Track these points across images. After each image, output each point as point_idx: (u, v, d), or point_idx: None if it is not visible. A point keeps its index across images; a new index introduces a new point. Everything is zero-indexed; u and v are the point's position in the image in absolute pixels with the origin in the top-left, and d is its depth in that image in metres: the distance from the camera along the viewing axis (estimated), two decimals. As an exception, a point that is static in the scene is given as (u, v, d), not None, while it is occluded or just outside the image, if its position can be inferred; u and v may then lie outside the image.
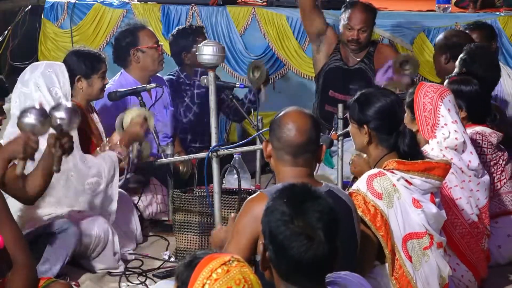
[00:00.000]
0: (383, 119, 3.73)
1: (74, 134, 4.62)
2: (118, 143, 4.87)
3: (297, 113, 3.28)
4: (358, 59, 6.08)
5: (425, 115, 4.23)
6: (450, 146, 4.22)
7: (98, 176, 4.68)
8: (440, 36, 5.82)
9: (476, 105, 4.63)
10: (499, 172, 4.69)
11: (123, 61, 5.73)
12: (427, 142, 4.26)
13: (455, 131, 4.23)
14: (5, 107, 4.98)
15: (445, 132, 4.22)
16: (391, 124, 3.74)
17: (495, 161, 4.68)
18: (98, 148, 4.91)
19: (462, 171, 4.25)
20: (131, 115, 4.97)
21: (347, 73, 6.03)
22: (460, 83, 4.69)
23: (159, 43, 5.78)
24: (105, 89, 5.19)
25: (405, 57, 5.62)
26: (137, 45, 5.66)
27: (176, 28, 6.34)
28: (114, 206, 4.77)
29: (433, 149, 4.20)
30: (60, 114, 3.75)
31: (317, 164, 4.44)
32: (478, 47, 5.23)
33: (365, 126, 3.76)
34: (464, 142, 4.26)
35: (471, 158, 4.29)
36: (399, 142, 3.73)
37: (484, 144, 4.63)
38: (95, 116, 5.22)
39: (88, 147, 4.96)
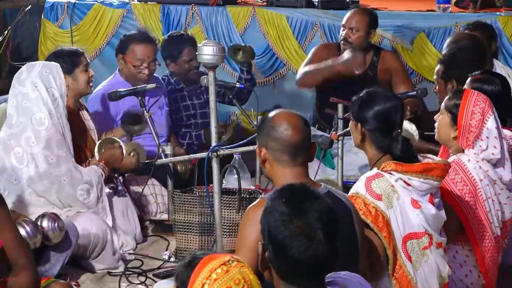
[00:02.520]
0: (377, 122, 3.73)
1: (68, 136, 4.65)
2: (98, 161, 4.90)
3: (288, 113, 3.27)
4: (362, 70, 6.08)
5: (470, 123, 4.14)
6: (486, 158, 4.19)
7: (89, 183, 4.69)
8: (449, 39, 5.79)
9: (497, 105, 4.60)
10: None
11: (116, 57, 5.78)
12: (462, 150, 4.22)
13: (494, 146, 4.16)
14: (1, 106, 4.99)
15: (483, 144, 4.15)
16: (385, 128, 3.73)
17: None
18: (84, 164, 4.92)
19: (495, 183, 4.22)
20: (103, 145, 4.97)
21: (349, 82, 5.99)
22: (482, 82, 4.64)
23: (150, 63, 5.68)
24: (91, 82, 5.19)
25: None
26: (124, 54, 5.67)
27: (169, 34, 6.27)
28: (108, 217, 4.79)
29: (469, 160, 4.15)
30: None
31: (317, 166, 4.45)
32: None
33: (359, 124, 3.77)
34: (500, 158, 4.21)
35: (503, 173, 4.23)
36: (393, 146, 3.73)
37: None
38: (85, 113, 5.22)
39: (82, 147, 4.97)
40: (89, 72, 5.15)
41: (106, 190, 4.89)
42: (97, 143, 5.00)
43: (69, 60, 5.07)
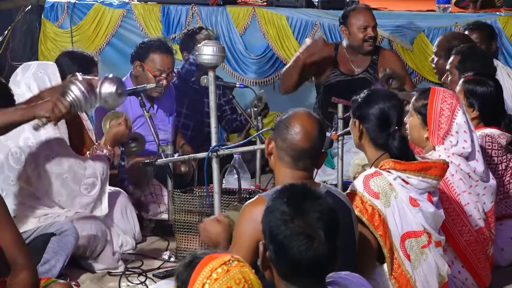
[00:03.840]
0: (374, 119, 3.76)
1: (65, 135, 4.65)
2: (103, 144, 4.89)
3: (306, 117, 3.27)
4: (362, 69, 6.09)
5: (439, 121, 4.16)
6: (457, 153, 4.20)
7: (93, 176, 4.68)
8: (440, 39, 5.81)
9: (489, 107, 4.59)
10: (508, 175, 4.67)
11: (132, 65, 5.74)
12: (434, 148, 4.24)
13: (464, 140, 4.19)
14: None
15: (453, 140, 4.18)
16: (382, 125, 3.76)
17: (505, 163, 4.65)
18: (88, 152, 4.91)
19: (470, 176, 4.23)
20: (108, 121, 5.00)
21: (350, 82, 6.01)
22: (475, 83, 4.66)
23: (169, 73, 5.65)
24: None
25: (390, 73, 5.58)
26: (143, 61, 5.64)
27: (188, 27, 6.36)
28: (104, 204, 4.77)
29: (440, 156, 4.17)
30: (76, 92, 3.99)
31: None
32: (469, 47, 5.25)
33: (357, 121, 3.80)
34: (471, 151, 4.23)
35: (477, 165, 4.25)
36: (389, 143, 3.74)
37: (495, 146, 4.59)
38: (83, 115, 5.21)
39: (78, 146, 4.96)
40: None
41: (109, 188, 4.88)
42: (103, 119, 5.03)
43: (83, 65, 5.08)
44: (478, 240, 4.23)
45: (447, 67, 5.22)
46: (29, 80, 4.65)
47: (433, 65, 5.82)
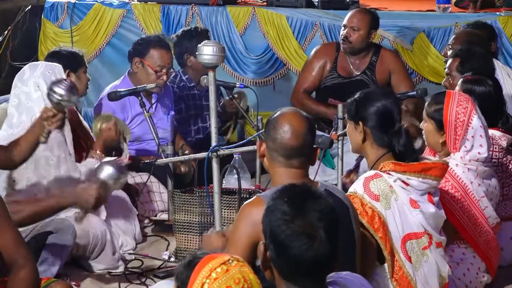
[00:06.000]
0: (380, 117, 3.74)
1: (68, 136, 4.66)
2: (94, 150, 4.91)
3: (294, 115, 3.26)
4: (360, 71, 6.09)
5: (455, 125, 4.15)
6: (473, 159, 4.19)
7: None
8: (459, 34, 5.79)
9: (488, 106, 4.59)
10: (509, 176, 4.67)
11: (130, 62, 5.74)
12: (449, 154, 4.22)
13: (480, 145, 4.17)
14: (2, 106, 4.99)
15: (468, 144, 4.17)
16: (388, 123, 3.73)
17: (505, 165, 4.65)
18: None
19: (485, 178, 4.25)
20: (99, 123, 5.03)
21: (346, 85, 6.02)
22: (473, 83, 4.64)
23: (169, 69, 5.69)
24: (88, 85, 5.27)
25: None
26: (142, 57, 5.64)
27: (182, 29, 6.32)
28: (102, 213, 4.78)
29: (457, 165, 4.16)
30: (60, 91, 4.00)
31: (317, 166, 4.46)
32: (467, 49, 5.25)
33: (360, 123, 3.77)
34: (487, 156, 4.22)
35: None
36: (394, 141, 3.73)
37: (495, 148, 4.58)
38: (79, 115, 5.24)
39: (76, 146, 4.97)
40: (88, 76, 5.20)
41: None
42: (94, 121, 5.07)
43: (74, 59, 5.12)
44: (494, 237, 4.28)
45: (446, 71, 5.20)
46: (38, 79, 4.66)
47: (446, 59, 5.79)
